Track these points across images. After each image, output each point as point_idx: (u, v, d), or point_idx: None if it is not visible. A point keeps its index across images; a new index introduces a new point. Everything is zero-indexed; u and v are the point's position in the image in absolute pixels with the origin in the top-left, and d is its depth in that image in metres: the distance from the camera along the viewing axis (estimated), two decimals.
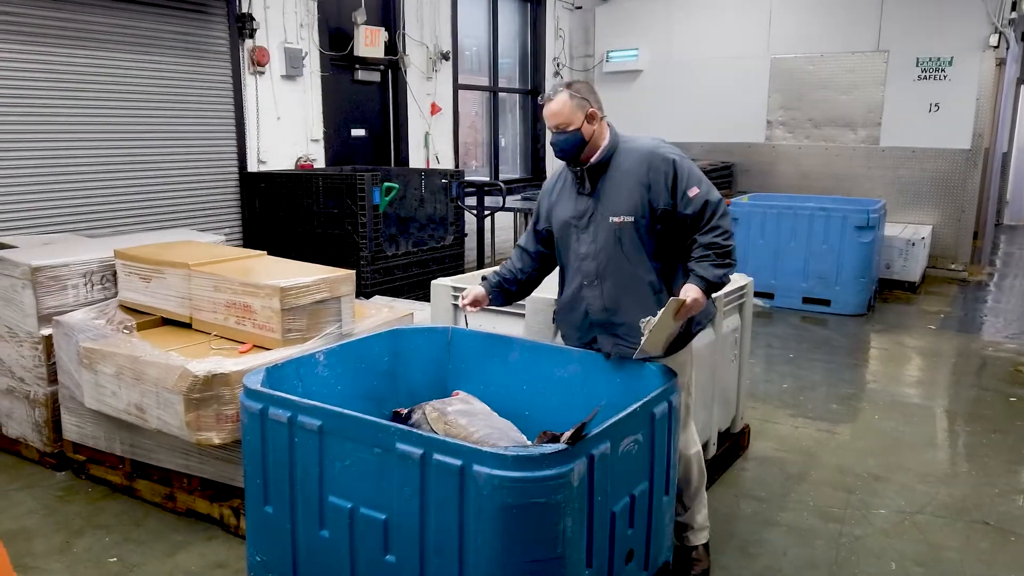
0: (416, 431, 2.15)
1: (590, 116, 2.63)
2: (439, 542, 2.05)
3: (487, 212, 6.94)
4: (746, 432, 4.13)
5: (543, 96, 2.72)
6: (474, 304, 2.90)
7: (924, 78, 8.36)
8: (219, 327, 3.41)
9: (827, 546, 3.19)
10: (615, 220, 2.63)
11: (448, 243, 6.37)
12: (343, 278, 3.43)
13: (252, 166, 6.29)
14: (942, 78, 8.27)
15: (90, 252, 3.93)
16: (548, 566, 1.99)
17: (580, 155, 2.66)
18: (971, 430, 4.43)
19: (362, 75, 7.37)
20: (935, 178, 8.50)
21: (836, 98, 8.89)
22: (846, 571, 3.02)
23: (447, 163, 8.35)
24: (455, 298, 3.48)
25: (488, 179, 8.93)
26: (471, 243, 7.03)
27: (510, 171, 9.96)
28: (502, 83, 9.51)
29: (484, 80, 9.31)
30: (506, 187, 6.95)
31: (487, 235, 7.19)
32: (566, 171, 2.80)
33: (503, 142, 9.73)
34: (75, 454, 3.73)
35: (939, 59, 8.25)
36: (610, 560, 2.22)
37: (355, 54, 7.04)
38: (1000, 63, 8.18)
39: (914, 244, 7.79)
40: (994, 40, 7.96)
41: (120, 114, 5.41)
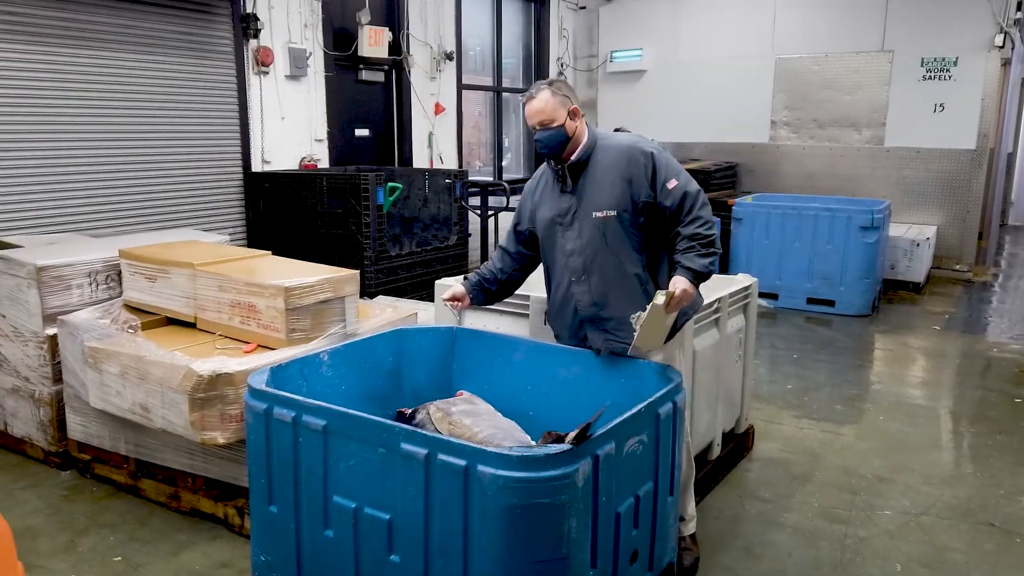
0: (420, 431, 2.15)
1: (572, 112, 2.69)
2: (443, 542, 2.05)
3: (491, 212, 6.95)
4: (750, 433, 4.12)
5: (524, 96, 2.76)
6: (453, 300, 2.96)
7: (929, 78, 8.34)
8: (224, 327, 3.41)
9: (832, 547, 3.18)
10: (598, 215, 2.67)
11: (452, 243, 6.37)
12: (347, 278, 3.43)
13: (256, 166, 6.29)
14: (947, 78, 8.25)
15: (95, 252, 3.93)
16: (552, 567, 1.98)
17: (563, 152, 2.70)
18: (976, 431, 4.42)
19: (366, 75, 7.37)
20: (940, 178, 8.48)
21: (840, 98, 8.87)
22: (851, 572, 3.01)
23: (451, 163, 8.35)
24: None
25: (492, 179, 8.93)
26: (475, 243, 7.04)
27: (513, 171, 9.96)
28: (506, 83, 9.51)
29: (488, 80, 9.31)
30: (510, 187, 6.95)
31: (491, 235, 7.19)
32: (547, 172, 2.86)
33: (506, 142, 9.73)
34: (80, 453, 3.74)
35: (944, 59, 8.23)
36: (615, 561, 2.21)
37: (359, 54, 7.04)
38: (1005, 63, 8.16)
39: (919, 245, 7.77)
40: (999, 40, 7.94)
41: (124, 114, 5.42)
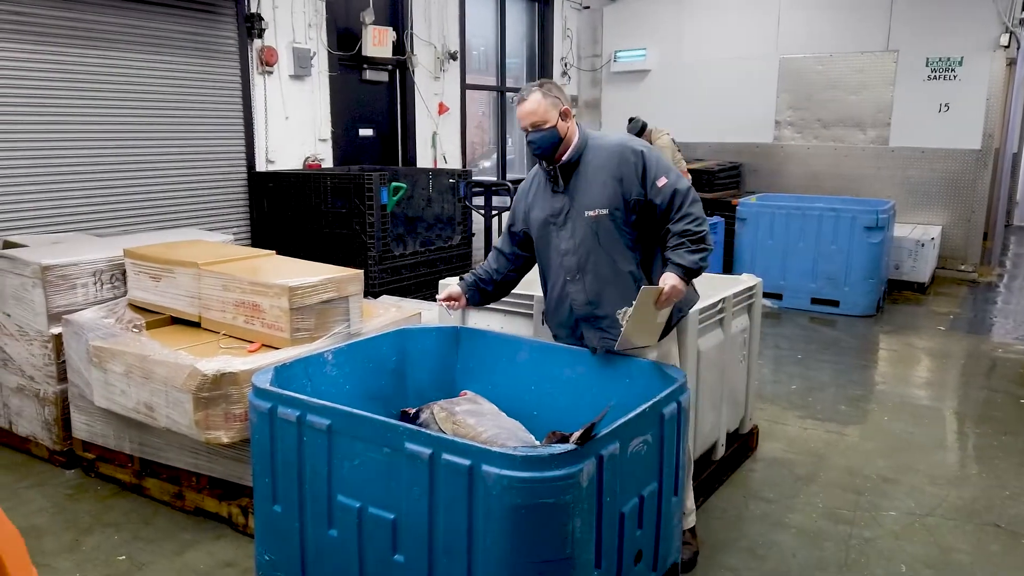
0: (425, 431, 2.15)
1: (564, 113, 2.73)
2: (448, 542, 2.05)
3: (494, 212, 6.95)
4: (755, 433, 4.12)
5: (515, 97, 2.77)
6: (449, 300, 2.98)
7: (934, 78, 8.32)
8: (228, 326, 3.41)
9: (836, 548, 3.17)
10: (591, 214, 2.70)
11: (455, 243, 6.37)
12: (351, 277, 3.43)
13: (260, 165, 6.30)
14: (952, 78, 8.23)
15: (99, 251, 3.94)
16: (557, 567, 1.98)
17: (556, 152, 2.73)
18: (981, 432, 4.41)
19: (370, 75, 7.38)
20: (945, 178, 8.45)
21: (845, 98, 8.85)
22: (855, 573, 3.00)
23: (454, 163, 8.36)
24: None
25: (495, 179, 8.93)
26: (478, 243, 7.04)
27: (517, 171, 9.95)
28: (510, 83, 9.50)
29: (492, 80, 9.31)
30: (513, 187, 6.95)
31: (494, 235, 7.19)
32: (539, 173, 2.88)
33: (510, 142, 9.73)
34: (84, 452, 3.75)
35: (949, 59, 8.21)
36: (619, 561, 2.21)
37: (363, 54, 7.05)
38: (1010, 63, 8.14)
39: (923, 245, 7.75)
40: (1004, 40, 7.92)
41: (129, 114, 5.43)
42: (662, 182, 2.64)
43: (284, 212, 5.92)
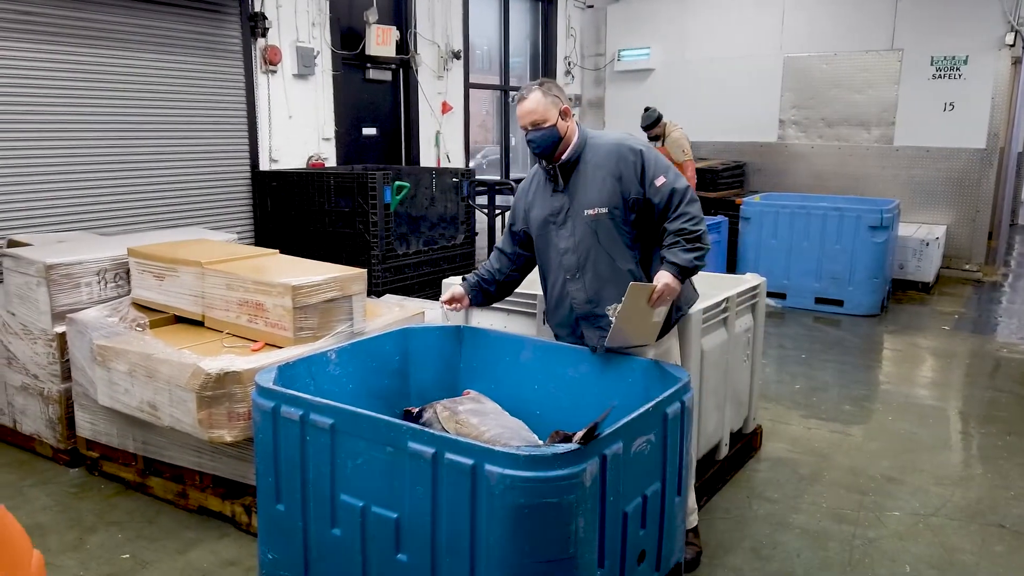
0: (428, 430, 2.14)
1: (563, 112, 2.74)
2: (451, 541, 2.04)
3: (498, 211, 6.94)
4: (758, 433, 4.11)
5: (515, 96, 2.79)
6: (452, 302, 2.97)
7: (939, 77, 8.29)
8: (231, 325, 3.42)
9: (840, 548, 3.17)
10: (590, 213, 2.71)
11: (459, 242, 6.37)
12: (354, 276, 3.43)
13: (264, 165, 6.31)
14: (957, 77, 8.20)
15: (103, 250, 3.95)
16: (560, 566, 1.98)
17: (556, 151, 2.74)
18: (986, 432, 4.39)
19: (373, 74, 7.38)
20: (949, 178, 8.43)
21: (849, 97, 8.82)
22: (860, 574, 3.00)
23: (458, 162, 8.35)
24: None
25: (499, 178, 8.93)
26: (482, 242, 7.03)
27: (520, 170, 9.95)
28: (513, 82, 9.50)
29: (495, 79, 9.30)
30: (516, 186, 6.94)
31: (498, 234, 7.19)
32: (539, 172, 2.89)
33: (513, 141, 9.72)
34: (88, 451, 3.76)
35: (954, 58, 8.18)
36: (622, 560, 2.20)
37: (367, 53, 7.05)
38: (1016, 62, 8.10)
39: (928, 244, 7.72)
40: (1010, 39, 7.88)
41: (133, 112, 5.44)
42: (660, 181, 2.66)
43: (288, 211, 5.92)
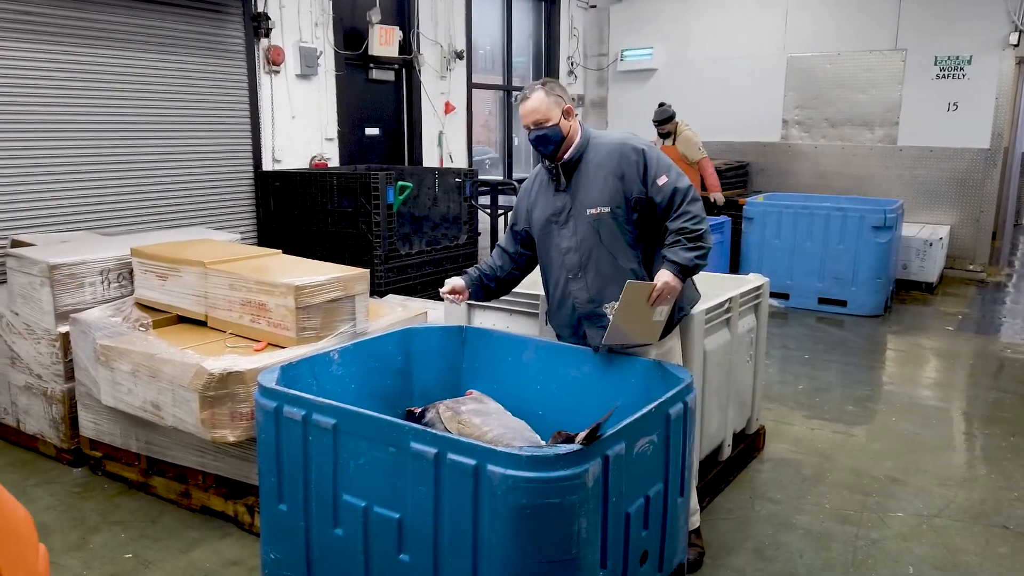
0: (430, 430, 2.14)
1: (566, 112, 2.74)
2: (453, 542, 2.04)
3: (501, 211, 6.94)
4: (761, 433, 4.10)
5: (518, 96, 2.78)
6: (453, 294, 2.95)
7: (942, 77, 8.27)
8: (234, 325, 3.42)
9: (843, 549, 3.16)
10: (592, 212, 2.71)
11: (462, 242, 6.37)
12: (357, 277, 3.44)
13: (267, 165, 6.31)
14: (961, 77, 8.18)
15: (107, 250, 3.95)
16: (562, 567, 1.98)
17: (559, 151, 2.74)
18: (989, 433, 4.38)
19: (376, 74, 7.38)
20: (953, 178, 8.41)
21: (853, 97, 8.81)
22: (862, 575, 2.99)
23: (461, 162, 8.35)
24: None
25: (502, 178, 8.92)
26: (484, 242, 7.03)
27: (523, 170, 9.95)
28: (516, 82, 9.49)
29: (498, 79, 9.30)
30: (519, 186, 6.93)
31: (500, 234, 7.18)
32: (541, 172, 2.90)
33: (516, 141, 9.72)
34: (92, 450, 3.76)
35: (958, 58, 8.16)
36: (624, 561, 2.20)
37: (369, 53, 7.05)
38: (1020, 61, 8.08)
39: (932, 244, 7.71)
40: (1014, 38, 7.87)
41: (136, 112, 5.45)
42: (663, 180, 2.66)
43: (290, 211, 5.93)
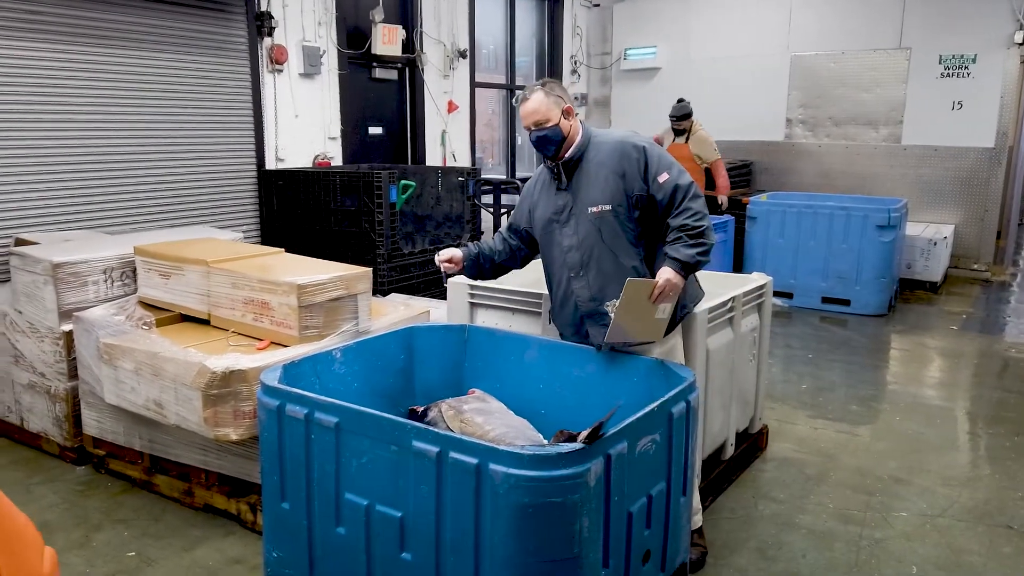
0: (432, 429, 2.14)
1: (566, 112, 2.75)
2: (455, 540, 2.04)
3: (503, 210, 6.94)
4: (764, 433, 4.09)
5: (517, 97, 2.79)
6: (449, 262, 2.93)
7: (947, 75, 8.25)
8: (237, 324, 3.42)
9: (847, 549, 3.15)
10: (593, 210, 2.71)
11: (465, 241, 6.37)
12: (360, 275, 3.44)
13: (270, 163, 6.32)
14: (965, 75, 8.16)
15: (110, 249, 3.96)
16: (564, 566, 1.97)
17: (560, 151, 2.75)
18: (994, 432, 4.37)
19: (379, 73, 7.38)
20: (958, 177, 8.38)
21: (857, 96, 8.79)
22: (866, 574, 2.98)
23: (464, 161, 8.35)
24: (472, 296, 3.48)
25: (505, 177, 8.92)
26: None
27: (526, 169, 9.94)
28: (519, 81, 9.48)
29: (501, 78, 9.29)
30: (522, 185, 6.93)
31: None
32: (543, 172, 2.90)
33: (519, 140, 9.72)
34: (95, 449, 3.77)
35: (962, 56, 8.14)
36: (627, 560, 2.20)
37: (373, 52, 7.05)
38: None
39: (936, 244, 7.68)
40: (1019, 37, 7.84)
41: (140, 112, 5.45)
42: (663, 178, 2.66)
43: (294, 210, 5.93)
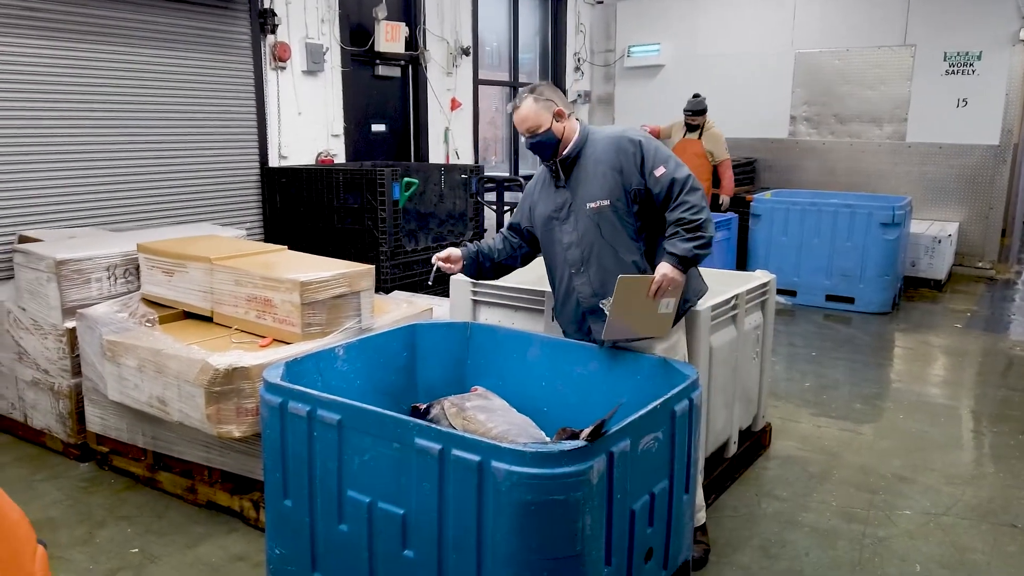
0: (435, 426, 2.14)
1: (557, 115, 2.77)
2: (457, 538, 2.04)
3: (506, 207, 6.93)
4: (767, 431, 4.09)
5: (510, 105, 2.83)
6: (447, 262, 2.92)
7: (952, 72, 8.22)
8: (240, 321, 3.43)
9: (850, 547, 3.15)
10: (592, 206, 2.72)
11: (467, 239, 6.36)
12: (363, 273, 3.44)
13: (273, 161, 6.32)
14: (970, 72, 8.12)
15: (114, 246, 3.96)
16: (566, 564, 1.97)
17: (556, 153, 2.77)
18: (998, 431, 4.35)
19: (382, 70, 7.37)
20: (962, 174, 8.35)
21: (862, 93, 8.76)
22: (869, 573, 2.98)
23: (467, 158, 8.34)
24: (474, 293, 3.48)
25: (507, 174, 8.91)
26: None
27: (529, 167, 9.93)
28: (522, 78, 9.47)
29: (504, 75, 9.28)
30: (525, 182, 6.92)
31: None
32: (544, 171, 2.92)
33: (521, 138, 9.70)
34: (98, 445, 3.78)
35: (967, 53, 8.10)
36: (629, 558, 2.20)
37: (376, 49, 7.04)
38: None
39: (940, 241, 7.66)
40: None
41: (143, 109, 5.46)
42: (660, 171, 2.65)
43: (296, 207, 5.93)
